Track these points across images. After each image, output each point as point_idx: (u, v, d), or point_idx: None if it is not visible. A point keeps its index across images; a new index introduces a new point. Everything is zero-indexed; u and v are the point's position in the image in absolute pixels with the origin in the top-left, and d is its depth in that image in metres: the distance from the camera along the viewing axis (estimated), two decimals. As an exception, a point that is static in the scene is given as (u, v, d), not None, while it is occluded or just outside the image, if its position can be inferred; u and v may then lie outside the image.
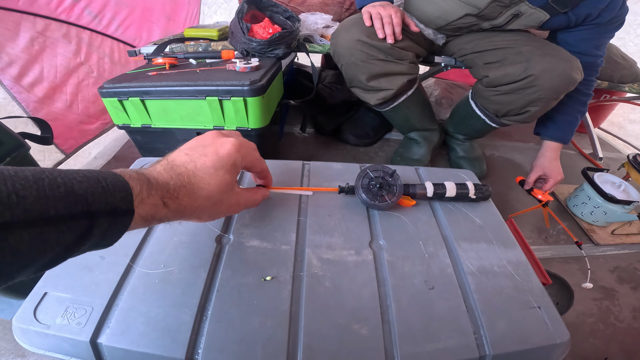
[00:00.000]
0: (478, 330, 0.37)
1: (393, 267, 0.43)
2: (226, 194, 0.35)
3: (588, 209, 1.06)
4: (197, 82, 0.71)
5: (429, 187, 0.53)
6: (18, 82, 0.96)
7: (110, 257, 0.41)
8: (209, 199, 0.33)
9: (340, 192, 0.53)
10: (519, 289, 0.41)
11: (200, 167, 0.33)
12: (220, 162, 0.34)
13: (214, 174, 0.33)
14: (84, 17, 1.11)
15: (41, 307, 0.37)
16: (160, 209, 0.30)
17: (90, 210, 0.24)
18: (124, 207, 0.26)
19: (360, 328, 0.36)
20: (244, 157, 0.37)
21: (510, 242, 0.49)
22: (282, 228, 0.47)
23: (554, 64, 0.82)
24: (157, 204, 0.29)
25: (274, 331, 0.36)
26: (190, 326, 0.36)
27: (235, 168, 0.36)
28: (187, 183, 0.32)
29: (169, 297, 0.38)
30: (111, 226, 0.26)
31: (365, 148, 1.31)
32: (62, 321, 0.35)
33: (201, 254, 0.43)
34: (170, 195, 0.30)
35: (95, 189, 0.24)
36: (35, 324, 0.35)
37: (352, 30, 0.89)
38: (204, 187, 0.33)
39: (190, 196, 0.32)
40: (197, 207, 0.33)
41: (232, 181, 0.36)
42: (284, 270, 0.42)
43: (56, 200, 0.22)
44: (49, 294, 0.38)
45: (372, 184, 0.51)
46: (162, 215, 0.30)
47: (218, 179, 0.34)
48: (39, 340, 0.36)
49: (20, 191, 0.20)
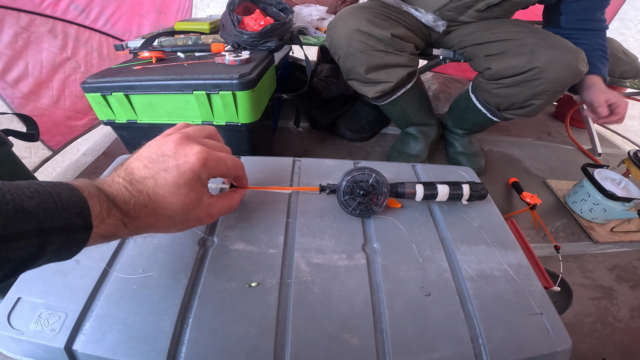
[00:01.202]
0: (476, 339, 0.35)
1: (387, 272, 0.40)
2: (193, 211, 0.33)
3: (587, 205, 1.04)
4: (184, 76, 0.68)
5: (419, 191, 0.48)
6: (2, 78, 0.93)
7: (85, 261, 0.39)
8: (173, 218, 0.32)
9: (321, 192, 0.48)
10: (520, 294, 0.39)
11: (161, 185, 0.30)
12: (183, 178, 0.31)
13: (176, 192, 0.31)
14: (71, 11, 1.08)
15: (15, 313, 0.35)
16: (121, 229, 0.28)
17: (42, 227, 0.22)
18: (79, 223, 0.25)
19: (350, 338, 0.34)
20: (211, 171, 0.34)
21: (511, 243, 0.46)
22: (269, 230, 0.44)
23: (559, 56, 0.80)
24: (117, 224, 0.28)
25: (259, 341, 0.34)
26: (170, 334, 0.33)
27: (201, 182, 0.33)
28: (148, 202, 0.30)
29: (147, 304, 0.36)
30: (67, 242, 0.24)
31: (361, 143, 1.29)
32: (35, 327, 0.34)
33: (182, 258, 0.40)
34: (131, 216, 0.28)
35: (47, 204, 0.23)
36: (9, 330, 0.33)
37: (349, 20, 0.87)
38: (166, 207, 0.30)
39: (153, 216, 0.30)
40: (161, 225, 0.32)
41: (198, 197, 0.33)
42: (270, 276, 0.39)
43: (4, 217, 0.21)
44: (22, 299, 0.36)
45: (355, 190, 0.45)
46: (123, 234, 0.29)
47: (181, 198, 0.31)
48: (13, 346, 0.34)
49: None
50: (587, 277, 0.87)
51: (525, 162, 1.33)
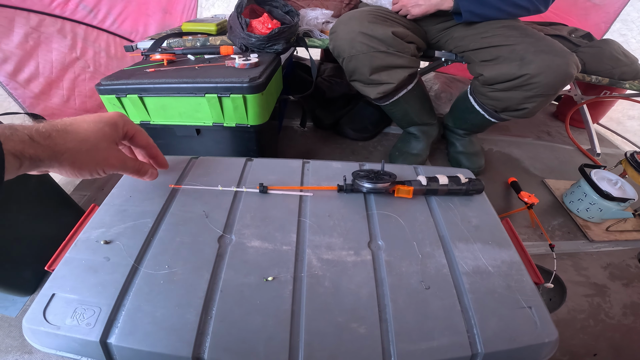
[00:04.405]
0: (471, 329, 0.38)
1: (391, 267, 0.43)
2: (103, 143, 0.37)
3: (584, 205, 1.07)
4: (196, 79, 0.71)
5: (422, 178, 0.54)
6: (14, 78, 0.95)
7: (114, 258, 0.42)
8: (85, 142, 0.35)
9: (339, 191, 0.54)
10: (512, 289, 0.42)
11: (80, 120, 0.36)
12: (100, 117, 0.37)
13: (93, 124, 0.36)
14: (79, 11, 1.09)
15: (50, 308, 0.37)
16: (28, 146, 0.30)
17: None
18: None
19: (358, 327, 0.37)
20: (126, 122, 0.40)
21: (505, 242, 0.49)
22: (282, 229, 0.47)
23: (548, 61, 0.81)
24: (24, 141, 0.30)
25: (275, 330, 0.36)
26: (196, 325, 0.36)
27: (116, 128, 0.39)
28: (61, 127, 0.34)
29: (173, 297, 0.39)
30: None
31: (364, 142, 1.31)
32: (71, 322, 0.36)
33: (203, 254, 0.43)
34: (41, 135, 0.32)
35: None
36: (46, 325, 0.36)
37: (350, 23, 0.89)
38: (79, 132, 0.35)
39: (64, 137, 0.33)
40: (71, 149, 0.34)
41: (112, 135, 0.38)
42: (285, 271, 0.42)
43: None
44: (57, 295, 0.38)
45: (369, 176, 0.53)
46: (32, 154, 0.31)
47: (96, 128, 0.36)
48: (49, 341, 0.36)
49: None
50: (582, 275, 0.90)
51: (525, 162, 1.35)
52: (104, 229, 0.46)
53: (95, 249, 0.43)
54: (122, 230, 0.45)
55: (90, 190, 0.99)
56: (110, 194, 0.52)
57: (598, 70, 1.27)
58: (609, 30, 1.72)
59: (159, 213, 0.48)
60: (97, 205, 0.52)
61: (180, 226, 0.46)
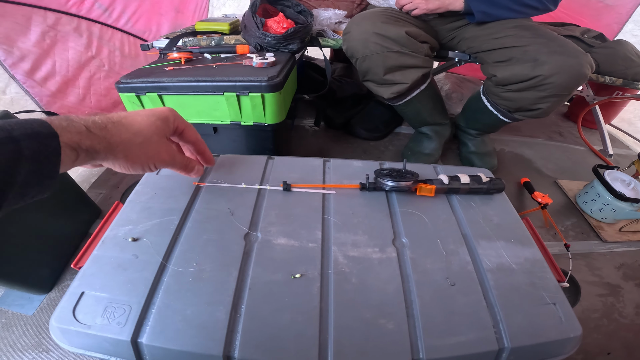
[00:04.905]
0: (497, 325, 0.38)
1: (416, 264, 0.44)
2: (155, 136, 0.38)
3: (597, 206, 1.06)
4: (215, 77, 0.71)
5: (444, 177, 0.55)
6: (31, 76, 0.96)
7: (143, 256, 0.42)
8: (138, 134, 0.35)
9: (362, 189, 0.54)
10: (536, 286, 0.42)
11: (133, 114, 0.37)
12: (153, 112, 0.38)
13: (146, 117, 0.37)
14: (95, 10, 1.10)
15: (80, 307, 0.37)
16: (85, 137, 0.30)
17: (12, 135, 0.25)
18: (44, 132, 0.27)
19: (386, 322, 0.37)
20: (176, 117, 0.40)
21: (527, 240, 0.50)
22: (307, 226, 0.48)
23: (562, 62, 0.81)
24: (80, 132, 0.30)
25: (304, 327, 0.37)
26: (226, 323, 0.36)
27: (167, 122, 0.39)
28: (117, 120, 0.34)
29: (203, 295, 0.39)
30: (41, 150, 0.26)
31: (375, 142, 1.31)
32: (102, 321, 0.36)
33: (230, 252, 0.43)
34: (97, 126, 0.32)
35: (10, 122, 0.26)
36: (76, 324, 0.36)
37: (363, 24, 0.89)
38: (133, 124, 0.35)
39: (119, 129, 0.34)
40: (125, 141, 0.34)
41: (163, 129, 0.38)
42: (312, 268, 0.42)
43: None
44: (86, 293, 0.38)
45: (392, 175, 0.53)
46: (89, 145, 0.31)
47: (149, 122, 0.37)
48: (79, 340, 0.36)
49: None
50: (595, 275, 0.90)
51: (537, 162, 1.34)
52: (130, 226, 0.46)
53: (123, 247, 0.43)
54: (149, 228, 0.46)
55: (105, 188, 0.99)
56: (134, 192, 0.52)
57: (612, 71, 1.26)
58: (621, 31, 1.70)
59: (184, 210, 0.49)
60: (121, 202, 0.52)
61: (206, 223, 0.47)
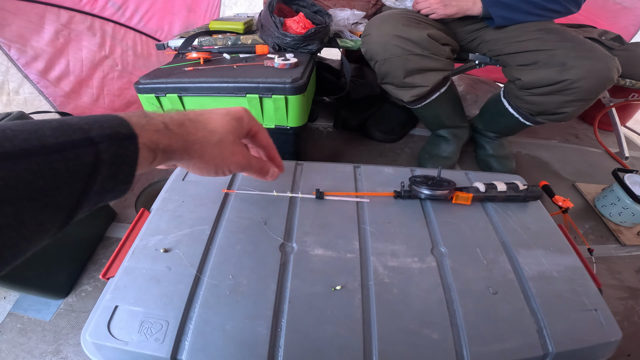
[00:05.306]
0: (541, 331, 0.38)
1: (456, 274, 0.43)
2: (231, 136, 0.35)
3: (617, 209, 1.04)
4: (237, 78, 0.69)
5: (480, 185, 0.54)
6: (44, 76, 0.94)
7: (176, 268, 0.40)
8: (214, 133, 0.34)
9: (396, 197, 0.52)
10: (577, 293, 0.43)
11: (208, 111, 0.35)
12: (228, 111, 0.36)
13: (221, 116, 0.35)
14: (108, 8, 1.08)
15: (115, 322, 0.36)
16: (163, 136, 0.29)
17: (90, 136, 0.23)
18: (124, 132, 0.25)
19: (430, 332, 0.37)
20: (251, 119, 0.38)
21: (566, 247, 0.50)
22: (344, 236, 0.46)
23: (590, 66, 0.80)
24: (159, 130, 0.28)
25: (348, 339, 0.36)
26: (267, 338, 0.35)
27: (242, 123, 0.37)
28: (193, 117, 0.33)
29: (242, 309, 0.37)
30: (119, 152, 0.24)
31: (390, 144, 1.29)
32: (139, 337, 0.34)
33: (267, 263, 0.42)
34: (175, 123, 0.30)
35: (87, 120, 0.24)
36: (112, 340, 0.34)
37: (383, 26, 0.87)
38: (209, 122, 0.34)
39: (195, 126, 0.32)
40: (202, 139, 0.33)
41: (238, 129, 0.36)
42: (352, 279, 0.41)
43: (52, 130, 0.21)
44: (120, 307, 0.37)
45: (427, 183, 0.52)
46: (166, 145, 0.29)
47: (224, 120, 0.35)
48: (115, 356, 0.35)
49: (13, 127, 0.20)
50: (615, 278, 0.89)
51: (554, 165, 1.32)
52: (160, 236, 0.44)
53: (155, 258, 0.42)
54: (180, 238, 0.44)
55: (119, 191, 0.98)
56: (161, 199, 0.50)
57: (632, 74, 1.24)
58: (638, 32, 1.68)
59: (215, 219, 0.47)
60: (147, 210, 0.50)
61: (240, 234, 0.45)
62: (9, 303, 0.75)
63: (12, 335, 0.69)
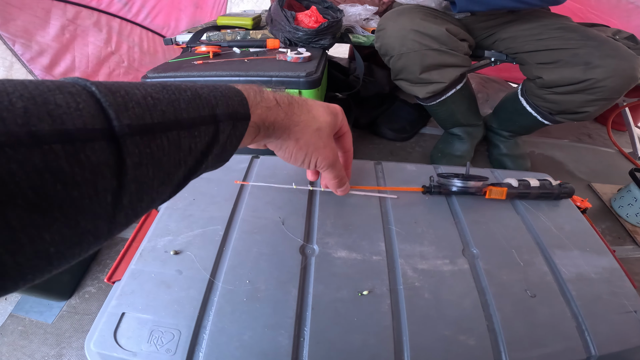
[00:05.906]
0: (582, 334, 0.37)
1: (491, 276, 0.40)
2: (327, 128, 0.35)
3: (634, 210, 1.03)
4: (249, 72, 0.66)
5: (512, 181, 0.51)
6: (49, 72, 0.92)
7: (187, 272, 0.37)
8: (315, 119, 0.34)
9: (425, 193, 0.49)
10: (616, 294, 0.41)
11: (310, 100, 0.35)
12: (327, 104, 0.36)
13: (321, 107, 0.35)
14: (115, 4, 1.06)
15: (121, 330, 0.33)
16: (273, 112, 0.29)
17: (215, 113, 0.23)
18: (242, 112, 0.26)
19: (467, 339, 0.34)
20: (343, 117, 0.38)
21: (602, 248, 0.47)
22: (368, 237, 0.42)
23: (615, 66, 0.78)
24: (270, 107, 0.29)
25: (378, 348, 0.33)
26: (290, 350, 0.32)
27: (337, 119, 0.37)
28: (299, 100, 0.33)
29: (260, 317, 0.34)
30: (231, 133, 0.25)
31: (401, 143, 1.26)
32: (149, 347, 0.31)
33: (287, 267, 0.38)
34: (284, 100, 0.31)
35: (216, 93, 0.24)
36: (119, 350, 0.31)
37: (400, 20, 0.85)
38: (312, 108, 0.34)
39: (301, 107, 0.33)
40: (304, 122, 0.33)
41: (333, 124, 0.36)
42: (379, 283, 0.38)
43: (186, 102, 0.21)
44: (127, 314, 0.34)
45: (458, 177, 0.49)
46: (272, 121, 0.30)
47: (324, 112, 0.35)
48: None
49: (154, 94, 0.20)
50: (635, 280, 0.88)
51: (569, 165, 1.29)
52: (170, 237, 0.41)
53: (165, 261, 0.38)
54: (191, 239, 0.41)
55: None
56: (171, 196, 0.47)
57: (649, 73, 1.20)
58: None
59: (229, 219, 0.44)
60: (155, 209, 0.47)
61: (256, 234, 0.42)
62: (10, 304, 0.73)
63: (13, 338, 0.67)
